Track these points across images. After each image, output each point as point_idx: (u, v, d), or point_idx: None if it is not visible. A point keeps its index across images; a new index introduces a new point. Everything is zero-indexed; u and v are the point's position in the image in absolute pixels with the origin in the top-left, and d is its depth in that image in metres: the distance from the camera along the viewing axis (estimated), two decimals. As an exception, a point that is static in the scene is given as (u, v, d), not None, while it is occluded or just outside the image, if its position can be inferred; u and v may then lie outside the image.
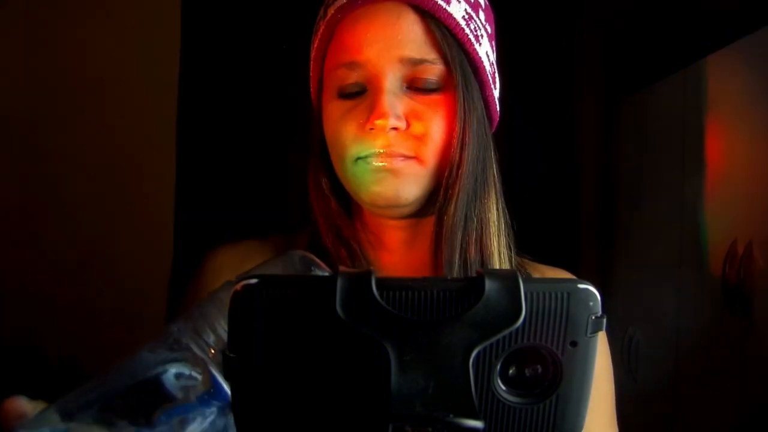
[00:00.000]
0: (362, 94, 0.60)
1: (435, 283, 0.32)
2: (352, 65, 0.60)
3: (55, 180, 1.72)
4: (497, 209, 0.65)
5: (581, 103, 2.37)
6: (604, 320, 0.33)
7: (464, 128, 0.60)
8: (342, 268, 0.32)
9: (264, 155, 1.92)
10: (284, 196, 1.78)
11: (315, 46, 0.64)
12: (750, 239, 1.50)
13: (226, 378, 0.33)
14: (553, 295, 0.32)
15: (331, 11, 0.61)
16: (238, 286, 0.32)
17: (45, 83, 1.71)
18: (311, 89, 0.68)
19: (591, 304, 0.32)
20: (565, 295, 0.32)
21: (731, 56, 1.67)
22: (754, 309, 1.48)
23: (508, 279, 0.31)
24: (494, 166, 0.65)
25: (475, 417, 0.29)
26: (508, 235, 0.66)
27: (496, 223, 0.64)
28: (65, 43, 1.74)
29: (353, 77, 0.60)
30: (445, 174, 0.61)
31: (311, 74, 0.67)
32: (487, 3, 0.67)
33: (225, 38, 1.98)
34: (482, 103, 0.64)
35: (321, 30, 0.63)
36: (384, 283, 0.31)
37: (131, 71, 1.79)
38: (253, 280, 0.32)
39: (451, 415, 0.29)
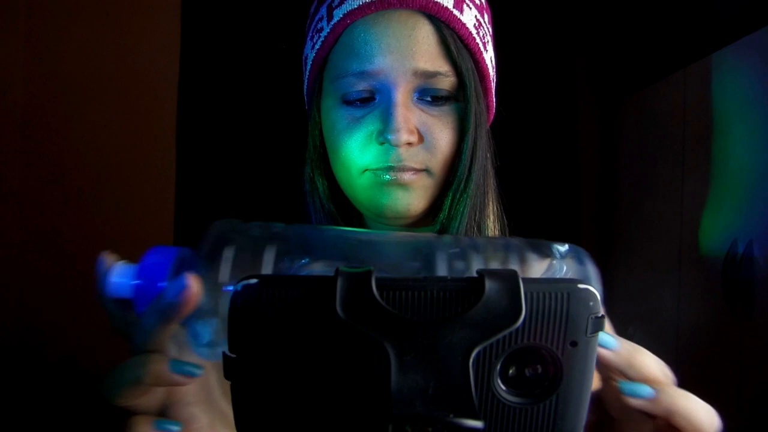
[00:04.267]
0: (370, 101, 0.58)
1: (435, 283, 0.31)
2: (363, 75, 0.57)
3: (55, 180, 1.72)
4: (494, 214, 0.64)
5: (582, 103, 2.38)
6: (605, 320, 0.33)
7: (475, 140, 0.59)
8: (341, 267, 0.32)
9: (264, 155, 1.92)
10: (283, 198, 1.78)
11: (315, 47, 0.61)
12: (750, 239, 1.50)
13: (226, 378, 0.32)
14: (553, 295, 0.32)
15: (338, 14, 0.58)
16: (238, 286, 0.32)
17: (44, 83, 1.71)
18: (306, 90, 0.66)
19: (591, 304, 0.32)
20: (565, 295, 0.32)
21: (731, 56, 1.67)
22: (755, 309, 1.48)
23: (508, 279, 0.31)
24: (492, 171, 0.64)
25: (475, 417, 0.29)
26: (506, 235, 0.65)
27: (493, 229, 0.64)
28: (65, 42, 1.74)
29: (361, 85, 0.58)
30: (453, 187, 0.59)
31: (309, 76, 0.64)
32: (486, 0, 0.66)
33: (225, 38, 1.99)
34: (486, 110, 0.63)
35: (324, 32, 0.60)
36: (384, 283, 0.31)
37: (131, 71, 1.79)
38: (253, 280, 0.32)
39: (451, 415, 0.29)
